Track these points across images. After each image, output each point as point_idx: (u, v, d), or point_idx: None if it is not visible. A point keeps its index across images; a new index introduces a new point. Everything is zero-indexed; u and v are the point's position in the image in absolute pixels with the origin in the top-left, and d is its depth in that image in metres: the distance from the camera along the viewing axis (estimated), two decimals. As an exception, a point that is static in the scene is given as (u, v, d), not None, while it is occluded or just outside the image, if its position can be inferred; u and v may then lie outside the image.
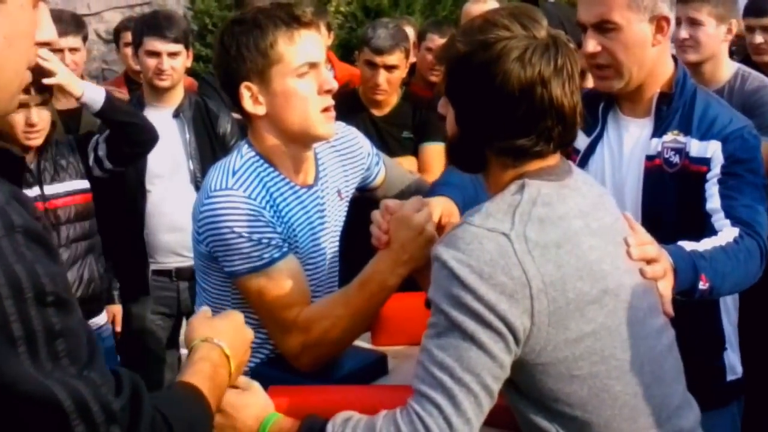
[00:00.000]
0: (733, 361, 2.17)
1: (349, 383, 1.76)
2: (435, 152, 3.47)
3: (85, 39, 3.75)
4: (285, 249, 1.81)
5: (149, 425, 1.02)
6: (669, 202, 2.00)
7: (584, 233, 1.43)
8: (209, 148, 3.44)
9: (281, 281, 1.78)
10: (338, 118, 1.96)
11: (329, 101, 1.87)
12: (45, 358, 0.90)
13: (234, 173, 1.85)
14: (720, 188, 1.95)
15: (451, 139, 1.54)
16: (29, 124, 2.81)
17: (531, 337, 1.36)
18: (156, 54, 3.36)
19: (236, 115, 3.20)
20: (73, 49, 3.61)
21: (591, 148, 2.11)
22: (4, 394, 0.89)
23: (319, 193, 1.97)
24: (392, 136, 3.55)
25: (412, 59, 3.94)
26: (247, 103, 1.86)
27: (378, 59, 3.47)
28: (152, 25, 3.41)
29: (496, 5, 3.77)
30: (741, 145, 1.98)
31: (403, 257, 1.70)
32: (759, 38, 3.28)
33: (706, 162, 1.98)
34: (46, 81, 2.77)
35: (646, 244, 1.56)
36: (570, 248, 1.39)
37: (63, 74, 2.85)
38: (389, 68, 3.49)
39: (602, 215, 1.50)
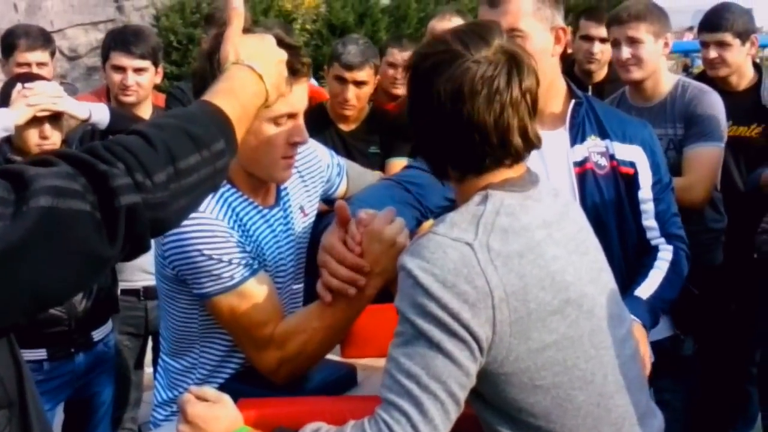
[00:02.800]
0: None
1: (318, 395, 1.76)
2: (401, 167, 3.49)
3: (52, 54, 3.71)
4: (255, 266, 1.81)
5: (92, 154, 1.08)
6: (607, 203, 2.10)
7: (547, 243, 1.44)
8: None
9: (254, 299, 1.77)
10: None
11: (293, 151, 1.85)
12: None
13: None
14: (654, 204, 2.14)
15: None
16: (42, 137, 2.83)
17: (493, 346, 1.37)
18: (121, 69, 3.34)
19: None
20: (40, 64, 3.56)
21: None
22: None
23: (282, 213, 1.98)
24: (359, 151, 3.55)
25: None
26: None
27: (347, 75, 3.48)
28: (119, 40, 3.37)
29: (460, 21, 3.80)
30: (656, 146, 2.20)
31: (377, 269, 1.71)
32: (713, 53, 3.37)
33: (632, 165, 2.14)
34: (51, 108, 2.81)
35: None
36: (533, 258, 1.40)
37: (66, 101, 2.88)
38: (358, 84, 3.50)
39: (566, 225, 1.51)
